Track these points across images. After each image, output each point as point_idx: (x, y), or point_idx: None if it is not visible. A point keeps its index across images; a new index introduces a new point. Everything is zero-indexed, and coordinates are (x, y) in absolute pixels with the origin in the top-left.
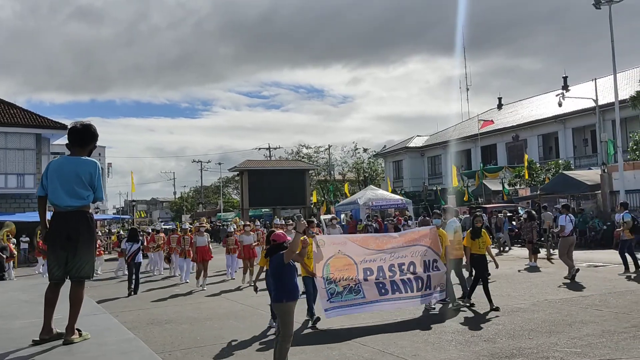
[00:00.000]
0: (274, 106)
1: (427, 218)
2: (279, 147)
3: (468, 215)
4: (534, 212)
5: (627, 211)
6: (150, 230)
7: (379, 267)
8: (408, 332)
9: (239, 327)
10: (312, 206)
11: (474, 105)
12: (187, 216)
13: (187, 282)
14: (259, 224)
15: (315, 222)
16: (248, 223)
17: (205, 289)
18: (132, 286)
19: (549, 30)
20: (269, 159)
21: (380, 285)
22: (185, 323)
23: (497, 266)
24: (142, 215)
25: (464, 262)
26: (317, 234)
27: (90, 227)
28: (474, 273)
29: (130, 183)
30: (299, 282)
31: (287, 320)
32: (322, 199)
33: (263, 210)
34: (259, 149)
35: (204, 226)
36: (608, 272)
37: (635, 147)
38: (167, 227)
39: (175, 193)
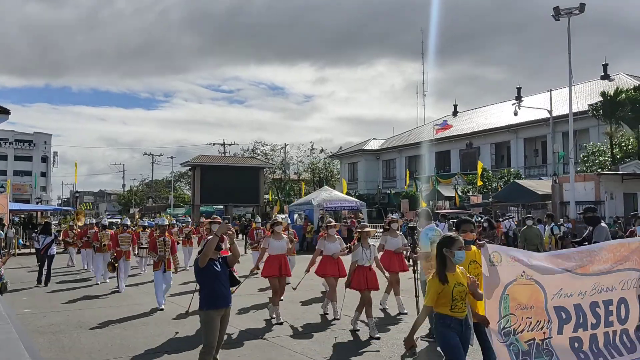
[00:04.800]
0: (237, 101)
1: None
2: (234, 144)
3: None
4: (493, 221)
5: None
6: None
7: (576, 306)
8: (352, 342)
9: (173, 334)
10: (265, 204)
11: (435, 111)
12: (135, 210)
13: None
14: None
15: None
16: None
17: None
18: (43, 278)
19: (513, 41)
20: (223, 154)
21: (576, 346)
22: (117, 327)
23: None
24: (88, 208)
25: None
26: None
27: None
28: None
29: (74, 173)
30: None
31: (207, 329)
32: (276, 197)
33: (215, 207)
34: (214, 144)
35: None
36: None
37: (585, 159)
38: (113, 220)
39: (124, 186)
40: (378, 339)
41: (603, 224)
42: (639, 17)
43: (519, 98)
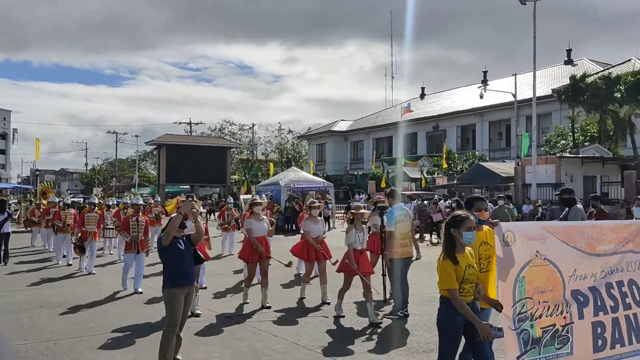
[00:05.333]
0: (205, 79)
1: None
2: (201, 123)
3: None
4: (462, 202)
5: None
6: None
7: (592, 288)
8: (324, 323)
9: (140, 314)
10: (232, 185)
11: (405, 94)
12: (98, 189)
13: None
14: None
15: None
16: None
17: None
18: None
19: (482, 25)
20: (190, 134)
21: (598, 330)
22: (80, 307)
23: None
24: (50, 187)
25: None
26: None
27: None
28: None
29: (35, 151)
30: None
31: (171, 308)
32: (244, 178)
33: (181, 187)
34: (180, 123)
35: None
36: None
37: (547, 142)
38: (76, 200)
39: (87, 164)
40: (380, 322)
41: (579, 205)
42: (602, 4)
43: (485, 82)
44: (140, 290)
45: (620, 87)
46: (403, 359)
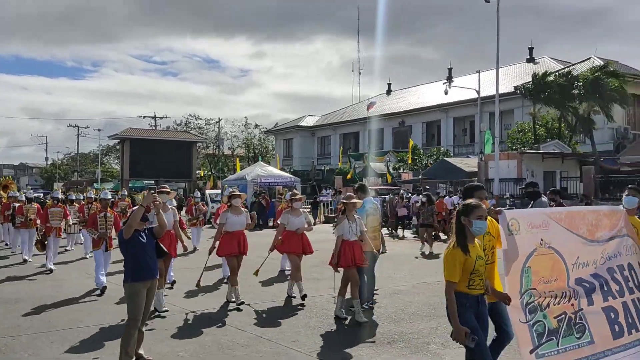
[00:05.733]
0: (171, 73)
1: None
2: (166, 117)
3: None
4: (432, 196)
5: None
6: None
7: (594, 275)
8: (290, 316)
9: (101, 310)
10: (198, 180)
11: (372, 90)
12: (59, 184)
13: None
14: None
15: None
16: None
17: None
18: None
19: (448, 23)
20: (154, 128)
21: (612, 315)
22: (39, 303)
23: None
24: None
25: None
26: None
27: None
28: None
29: None
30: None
31: (132, 302)
32: (210, 173)
33: (145, 182)
34: (144, 117)
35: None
36: None
37: (510, 138)
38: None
39: (47, 159)
40: (366, 322)
41: (543, 198)
42: (563, 3)
43: (450, 78)
44: (105, 285)
45: (580, 85)
46: (370, 351)
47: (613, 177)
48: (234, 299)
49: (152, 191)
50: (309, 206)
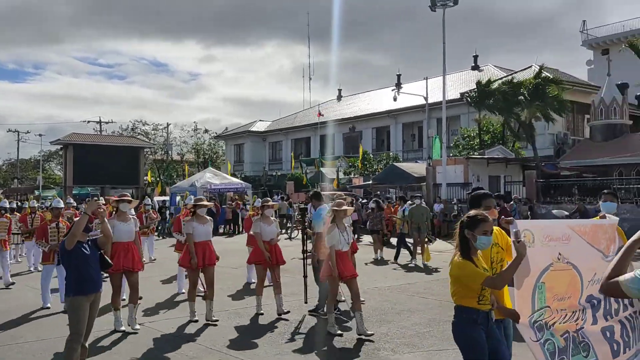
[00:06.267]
0: (118, 76)
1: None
2: (112, 122)
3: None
4: (382, 202)
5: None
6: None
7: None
8: (266, 334)
9: (42, 324)
10: (146, 186)
11: (323, 95)
12: None
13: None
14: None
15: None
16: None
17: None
18: None
19: (398, 30)
20: (99, 133)
21: (609, 335)
22: None
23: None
24: None
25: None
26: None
27: None
28: None
29: None
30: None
31: (75, 316)
32: (158, 179)
33: (90, 189)
34: (88, 122)
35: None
36: (431, 259)
37: (456, 144)
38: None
39: None
40: (372, 335)
41: None
42: (507, 12)
43: (398, 85)
44: (48, 306)
45: (523, 92)
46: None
47: (553, 181)
48: (195, 318)
49: (96, 198)
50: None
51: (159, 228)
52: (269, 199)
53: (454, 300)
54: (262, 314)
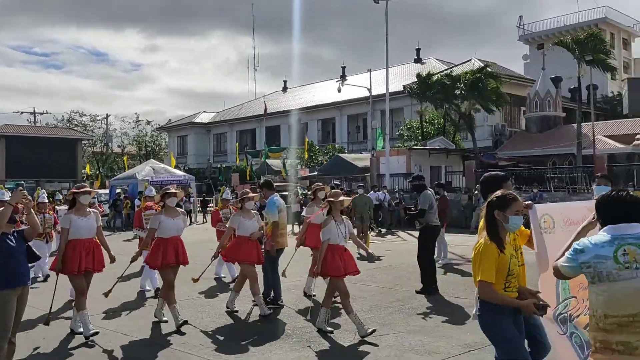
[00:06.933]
0: (54, 66)
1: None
2: (47, 112)
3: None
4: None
5: None
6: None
7: None
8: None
9: None
10: (84, 179)
11: (268, 87)
12: None
13: None
14: None
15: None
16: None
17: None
18: None
19: (344, 23)
20: (34, 124)
21: None
22: None
23: None
24: None
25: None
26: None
27: None
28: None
29: None
30: None
31: (2, 312)
32: (97, 172)
33: (25, 182)
34: (22, 112)
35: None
36: (375, 247)
37: (399, 135)
38: None
39: None
40: (373, 332)
41: (428, 191)
42: (449, 7)
43: (343, 77)
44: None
45: (461, 85)
46: (288, 346)
47: (492, 170)
48: (165, 318)
49: (21, 188)
50: (199, 205)
51: (114, 223)
52: (248, 190)
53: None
54: (236, 311)
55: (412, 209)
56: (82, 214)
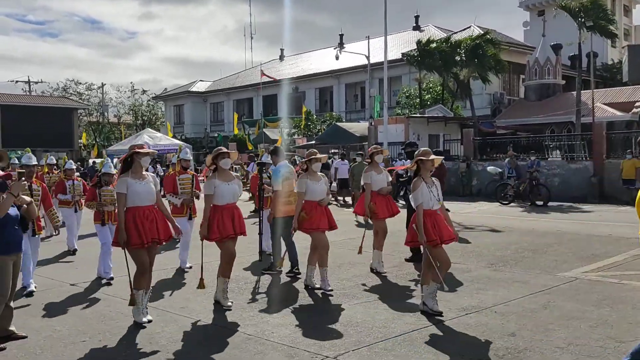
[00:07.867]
0: (50, 34)
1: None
2: (42, 82)
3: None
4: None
5: None
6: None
7: None
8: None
9: None
10: (81, 149)
11: (265, 55)
12: None
13: None
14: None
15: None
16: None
17: None
18: None
19: None
20: (29, 93)
21: None
22: None
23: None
24: None
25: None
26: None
27: None
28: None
29: None
30: None
31: (1, 278)
32: (93, 142)
33: (20, 152)
34: (16, 81)
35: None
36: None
37: (398, 103)
38: None
39: None
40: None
41: None
42: None
43: (341, 44)
44: (32, 288)
45: (461, 52)
46: (286, 311)
47: (490, 139)
48: (229, 303)
49: (23, 179)
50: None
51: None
52: (315, 150)
53: None
54: (318, 287)
55: (404, 175)
56: (139, 177)
